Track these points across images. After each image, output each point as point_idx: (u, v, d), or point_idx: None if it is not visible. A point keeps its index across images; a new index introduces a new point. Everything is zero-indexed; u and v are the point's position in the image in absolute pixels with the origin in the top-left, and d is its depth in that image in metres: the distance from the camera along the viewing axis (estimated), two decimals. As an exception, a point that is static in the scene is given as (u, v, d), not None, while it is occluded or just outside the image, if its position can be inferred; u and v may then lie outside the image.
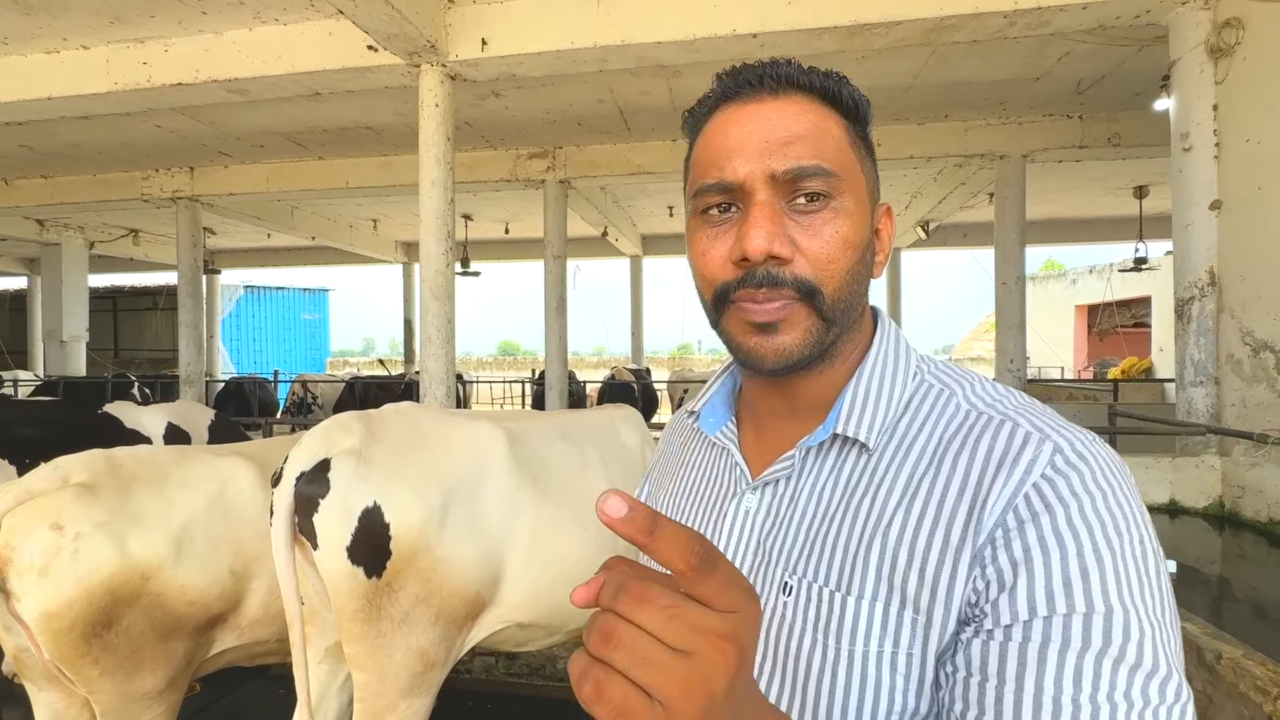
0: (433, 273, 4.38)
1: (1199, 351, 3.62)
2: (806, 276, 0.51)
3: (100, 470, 1.69)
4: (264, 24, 4.43)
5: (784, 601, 0.52)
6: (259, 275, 17.73)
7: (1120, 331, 13.76)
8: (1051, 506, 0.44)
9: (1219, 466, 3.41)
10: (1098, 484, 0.45)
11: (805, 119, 0.52)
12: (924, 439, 0.52)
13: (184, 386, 8.10)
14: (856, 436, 0.53)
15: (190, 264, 8.14)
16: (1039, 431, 0.48)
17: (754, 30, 3.91)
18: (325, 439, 1.57)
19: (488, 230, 11.52)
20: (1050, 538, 0.43)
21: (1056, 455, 0.46)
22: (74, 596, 1.52)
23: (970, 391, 0.54)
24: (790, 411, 0.58)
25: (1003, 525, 0.45)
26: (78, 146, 7.09)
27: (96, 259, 12.18)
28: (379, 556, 1.51)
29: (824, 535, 0.52)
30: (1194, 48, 3.57)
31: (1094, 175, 8.27)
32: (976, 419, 0.51)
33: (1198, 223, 3.58)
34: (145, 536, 1.64)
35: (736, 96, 0.54)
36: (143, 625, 1.61)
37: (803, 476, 0.55)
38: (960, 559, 0.46)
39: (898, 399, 0.54)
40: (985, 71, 5.28)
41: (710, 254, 0.53)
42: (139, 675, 1.62)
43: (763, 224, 0.50)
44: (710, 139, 0.54)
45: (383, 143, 7.01)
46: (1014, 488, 0.45)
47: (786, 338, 0.52)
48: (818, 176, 0.50)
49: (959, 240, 11.69)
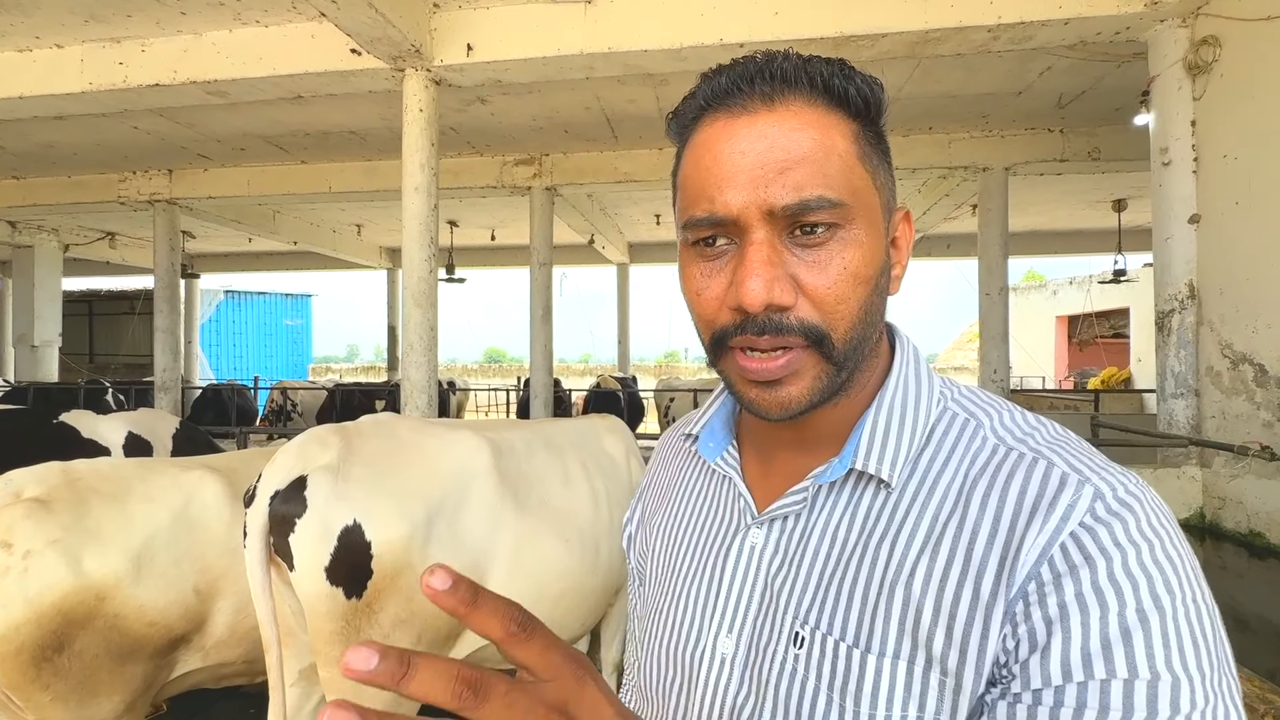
0: (415, 279, 4.32)
1: (1179, 364, 3.65)
2: (813, 321, 0.45)
3: (56, 484, 1.61)
4: (245, 25, 4.36)
5: (795, 654, 0.47)
6: (240, 280, 17.47)
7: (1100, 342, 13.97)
8: (1092, 559, 0.39)
9: (1200, 478, 3.44)
10: (1143, 534, 0.40)
11: (807, 136, 0.45)
12: (949, 476, 0.47)
13: (159, 393, 7.92)
14: (878, 474, 0.48)
15: (167, 268, 7.97)
16: (1077, 473, 0.43)
17: (741, 40, 3.92)
18: (301, 454, 1.51)
19: (474, 237, 11.45)
20: (1090, 594, 0.38)
21: (1098, 501, 0.41)
22: (22, 619, 1.44)
23: (999, 422, 0.48)
24: (800, 443, 0.53)
25: (1036, 578, 0.40)
26: (52, 147, 6.93)
27: (71, 262, 11.91)
28: (359, 576, 1.45)
29: (839, 581, 0.47)
30: (1172, 64, 3.63)
31: (1075, 188, 8.41)
32: (1006, 455, 0.46)
33: (1177, 236, 3.63)
34: (102, 554, 1.56)
35: (725, 104, 0.47)
36: (98, 648, 1.53)
37: (815, 513, 0.50)
38: (992, 615, 0.41)
39: (921, 430, 0.49)
40: (969, 85, 5.35)
41: (705, 294, 0.48)
42: (94, 700, 1.54)
43: (760, 269, 0.44)
44: (699, 158, 0.47)
45: (367, 147, 6.94)
46: (1049, 536, 0.40)
47: (793, 389, 0.46)
48: (822, 209, 0.44)
49: (943, 251, 11.83)
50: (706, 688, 0.51)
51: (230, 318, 17.87)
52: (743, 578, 0.52)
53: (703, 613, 0.53)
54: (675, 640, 0.55)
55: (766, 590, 0.50)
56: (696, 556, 0.56)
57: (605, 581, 1.92)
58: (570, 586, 1.80)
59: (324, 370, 22.06)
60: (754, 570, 0.52)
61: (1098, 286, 12.26)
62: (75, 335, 15.13)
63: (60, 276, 11.25)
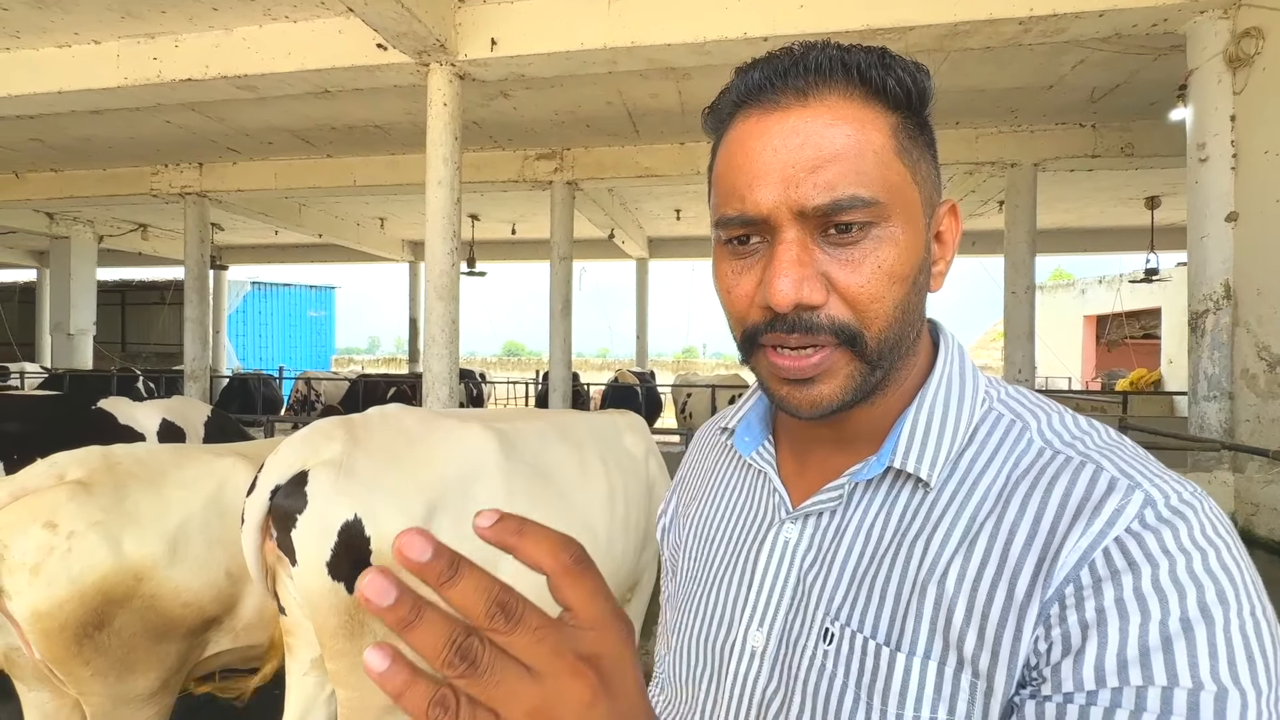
0: (438, 272, 4.37)
1: (1213, 365, 3.56)
2: (845, 320, 0.44)
3: (97, 468, 1.67)
4: (274, 21, 4.43)
5: (825, 650, 0.47)
6: (266, 271, 17.83)
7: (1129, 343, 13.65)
8: (1137, 565, 0.37)
9: (1232, 483, 3.36)
10: (1195, 542, 0.38)
11: (841, 132, 0.44)
12: (990, 476, 0.45)
13: (188, 381, 8.11)
14: (916, 473, 0.47)
15: (197, 259, 8.15)
16: (1127, 478, 0.41)
17: (765, 34, 3.89)
18: (304, 448, 1.50)
19: (495, 231, 11.52)
20: (1131, 599, 0.37)
21: (1148, 508, 0.39)
22: (66, 596, 1.49)
23: (1047, 425, 0.47)
24: (837, 441, 0.52)
25: (1075, 581, 0.38)
26: (88, 141, 7.11)
27: (105, 253, 12.24)
28: (360, 571, 1.46)
29: (872, 578, 0.46)
30: (1212, 57, 3.52)
31: (1106, 185, 8.21)
32: (1052, 458, 0.44)
33: (1213, 235, 3.53)
34: (140, 537, 1.61)
35: (759, 100, 0.46)
36: (135, 627, 1.59)
37: (850, 510, 0.50)
38: (1025, 617, 0.40)
39: (963, 430, 0.48)
40: (998, 79, 5.24)
41: (736, 291, 0.48)
42: (131, 677, 1.60)
43: (789, 269, 0.43)
44: (731, 155, 0.47)
45: (391, 141, 7.01)
46: (1092, 539, 0.39)
47: (824, 388, 0.46)
48: (855, 208, 0.43)
49: (967, 248, 11.63)
50: (736, 680, 0.52)
51: (257, 309, 18.22)
52: (775, 572, 0.52)
53: (734, 606, 0.54)
54: (706, 632, 0.55)
55: (799, 585, 0.50)
56: (730, 550, 0.57)
57: (616, 578, 1.91)
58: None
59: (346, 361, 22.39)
60: (787, 565, 0.51)
61: (1128, 286, 11.97)
62: (108, 324, 15.53)
63: (95, 267, 11.57)
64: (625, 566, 1.95)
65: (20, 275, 15.52)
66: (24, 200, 8.63)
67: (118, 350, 15.78)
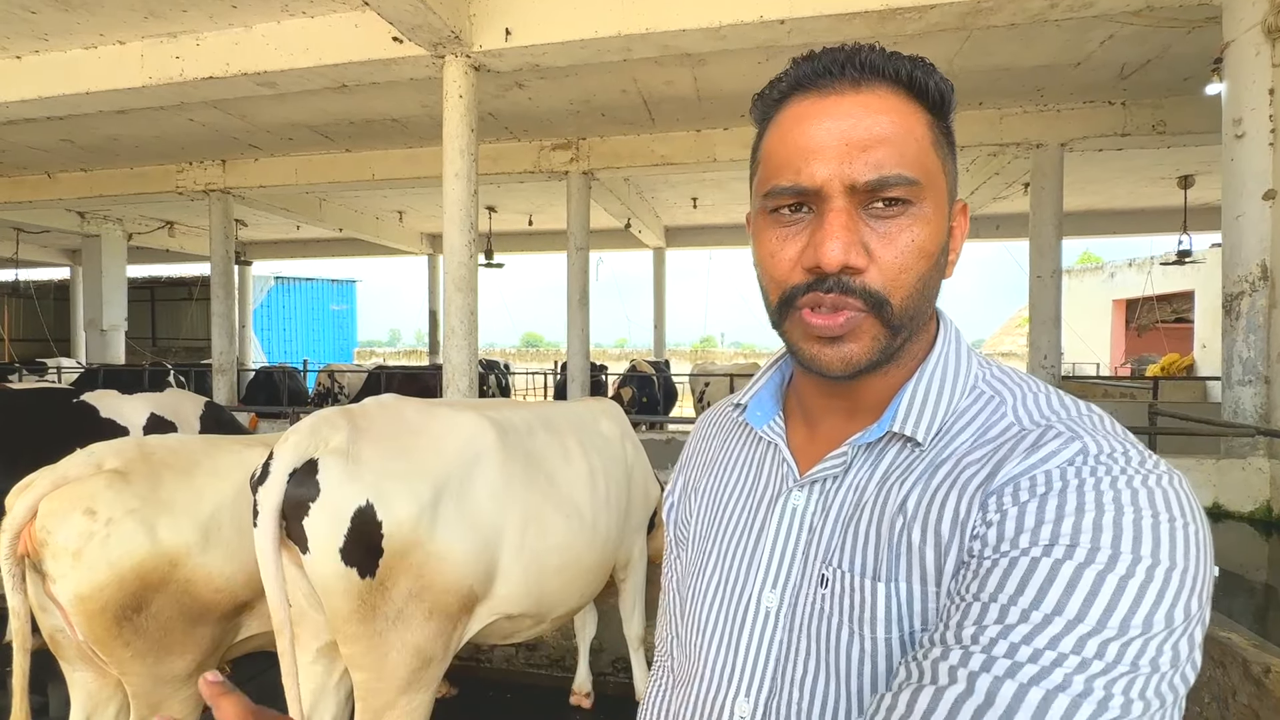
0: (456, 264, 4.40)
1: (1248, 349, 3.46)
2: (876, 288, 0.49)
3: (133, 457, 1.73)
4: (292, 16, 4.47)
5: (821, 594, 0.52)
6: (289, 266, 18.10)
7: (1160, 327, 13.29)
8: (1067, 486, 0.42)
9: (1267, 469, 3.27)
10: (1130, 483, 0.42)
11: (888, 119, 0.49)
12: (963, 439, 0.51)
13: (216, 375, 8.31)
14: (913, 436, 0.52)
15: (222, 255, 8.32)
16: (1073, 433, 0.46)
17: (782, 16, 3.83)
18: (312, 437, 1.52)
19: (511, 222, 11.56)
20: (1052, 501, 0.42)
21: (1082, 454, 0.44)
22: (106, 580, 1.55)
23: (1021, 403, 0.52)
24: (849, 411, 0.57)
25: (998, 493, 0.45)
26: (115, 140, 7.28)
27: (134, 250, 12.54)
28: (372, 555, 1.48)
29: (857, 523, 0.52)
30: (1250, 29, 3.39)
31: (1136, 165, 7.97)
32: (1019, 433, 0.49)
33: (1250, 214, 3.41)
34: (175, 524, 1.67)
35: (815, 86, 0.51)
36: (171, 610, 1.64)
37: (852, 473, 0.55)
38: (967, 526, 0.46)
39: (955, 402, 0.53)
40: (1023, 57, 5.10)
41: (779, 256, 0.52)
42: (168, 658, 1.66)
43: (839, 233, 0.48)
44: (786, 133, 0.52)
45: (408, 135, 7.06)
46: (1025, 467, 0.45)
47: (854, 346, 0.51)
48: (900, 185, 0.48)
49: (991, 232, 11.39)
50: (752, 640, 0.56)
51: (280, 303, 18.55)
52: (785, 537, 0.56)
53: (747, 569, 0.58)
54: (720, 595, 0.59)
55: (808, 547, 0.55)
56: (741, 519, 0.60)
57: (602, 556, 1.98)
58: (570, 560, 1.85)
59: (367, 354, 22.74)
60: (795, 529, 0.56)
61: (1159, 268, 11.64)
62: (139, 320, 15.96)
63: (125, 264, 11.86)
64: (611, 541, 2.04)
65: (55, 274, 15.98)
66: (56, 200, 8.86)
67: (148, 345, 16.21)
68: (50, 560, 1.55)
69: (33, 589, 1.60)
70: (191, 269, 16.57)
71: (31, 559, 1.57)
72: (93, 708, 1.74)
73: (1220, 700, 1.64)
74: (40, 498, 1.59)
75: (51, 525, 1.56)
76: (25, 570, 1.58)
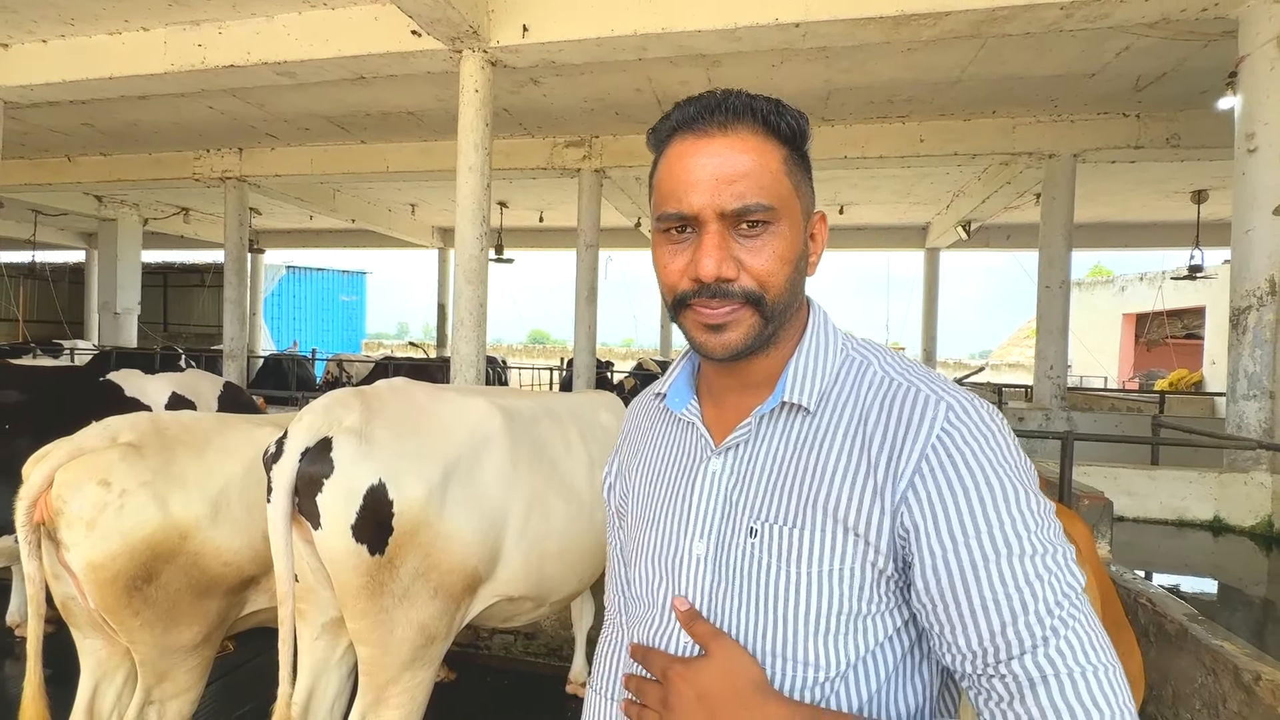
0: (467, 257, 4.45)
1: (1254, 364, 3.45)
2: (751, 288, 0.63)
3: (146, 431, 1.77)
4: (313, 8, 4.53)
5: (751, 544, 0.65)
6: (301, 256, 18.27)
7: (1170, 342, 13.19)
8: (952, 455, 0.58)
9: (1269, 484, 3.26)
10: (979, 432, 0.59)
11: (749, 157, 0.62)
12: (852, 403, 0.65)
13: (227, 360, 8.40)
14: (801, 403, 0.65)
15: (236, 243, 8.41)
16: (935, 394, 0.62)
17: (797, 19, 3.85)
18: (326, 415, 1.55)
19: (522, 218, 11.62)
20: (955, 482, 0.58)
21: (949, 412, 0.60)
22: (118, 550, 1.59)
23: (883, 362, 0.67)
24: (743, 387, 0.70)
25: (919, 473, 0.59)
26: (135, 125, 7.37)
27: (150, 235, 12.68)
28: (381, 533, 1.51)
29: (780, 484, 0.65)
30: (1265, 43, 3.39)
31: (1149, 177, 7.93)
32: (890, 385, 0.64)
33: (1260, 228, 3.41)
34: (185, 498, 1.71)
35: (692, 128, 0.64)
36: (180, 582, 1.69)
37: (758, 440, 0.68)
38: (884, 495, 0.60)
39: (831, 370, 0.67)
40: (1037, 66, 5.10)
41: (670, 267, 0.65)
42: (176, 629, 1.70)
43: (713, 252, 0.61)
44: (671, 167, 0.64)
45: (423, 128, 7.12)
46: (921, 444, 0.59)
47: (733, 334, 0.64)
48: (759, 211, 0.61)
49: (1001, 242, 11.35)
50: (687, 583, 0.69)
51: (291, 292, 18.68)
52: (708, 496, 0.69)
53: (680, 526, 0.70)
54: (659, 551, 0.72)
55: (725, 502, 0.68)
56: (671, 485, 0.73)
57: (599, 541, 2.01)
58: (571, 545, 1.88)
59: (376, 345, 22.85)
60: (716, 489, 0.69)
61: (1171, 283, 11.56)
62: (151, 305, 16.11)
63: (140, 249, 12.01)
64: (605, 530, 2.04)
65: (71, 256, 16.18)
66: (74, 183, 8.98)
67: (160, 330, 16.38)
68: (65, 529, 1.60)
69: (47, 557, 1.64)
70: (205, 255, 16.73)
71: (47, 527, 1.61)
72: (101, 674, 1.78)
73: (1211, 707, 1.65)
74: (56, 467, 1.63)
75: (67, 495, 1.60)
76: (41, 538, 1.62)
